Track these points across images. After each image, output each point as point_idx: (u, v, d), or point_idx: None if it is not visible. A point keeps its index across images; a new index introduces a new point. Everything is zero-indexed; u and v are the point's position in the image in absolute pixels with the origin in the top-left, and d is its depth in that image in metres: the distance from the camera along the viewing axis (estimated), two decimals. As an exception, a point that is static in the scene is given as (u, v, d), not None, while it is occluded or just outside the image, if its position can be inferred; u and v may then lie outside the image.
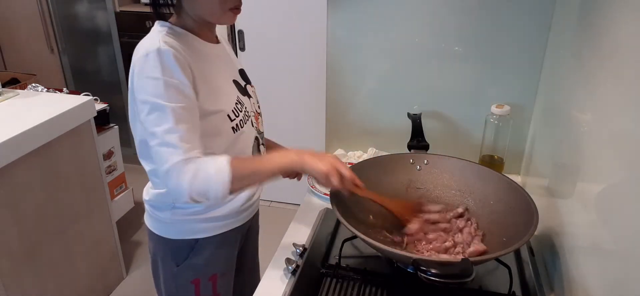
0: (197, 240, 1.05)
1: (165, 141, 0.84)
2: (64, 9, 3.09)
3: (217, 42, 1.04)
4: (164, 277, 1.10)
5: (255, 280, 1.38)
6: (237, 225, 1.11)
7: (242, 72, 1.10)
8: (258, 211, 1.25)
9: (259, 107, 1.13)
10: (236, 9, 0.93)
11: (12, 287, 1.59)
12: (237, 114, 0.98)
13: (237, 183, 0.86)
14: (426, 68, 1.39)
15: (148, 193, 1.07)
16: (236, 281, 1.31)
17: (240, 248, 1.20)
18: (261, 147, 1.11)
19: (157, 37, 0.87)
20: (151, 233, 1.08)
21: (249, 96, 1.08)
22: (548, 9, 1.23)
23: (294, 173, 1.03)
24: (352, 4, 1.37)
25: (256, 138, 1.08)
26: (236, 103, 0.99)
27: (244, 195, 1.09)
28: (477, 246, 0.95)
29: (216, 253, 1.09)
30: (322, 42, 1.47)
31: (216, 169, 0.84)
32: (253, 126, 1.06)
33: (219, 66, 1.00)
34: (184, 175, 0.84)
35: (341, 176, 0.90)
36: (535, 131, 1.32)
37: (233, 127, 0.97)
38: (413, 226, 1.00)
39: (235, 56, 1.14)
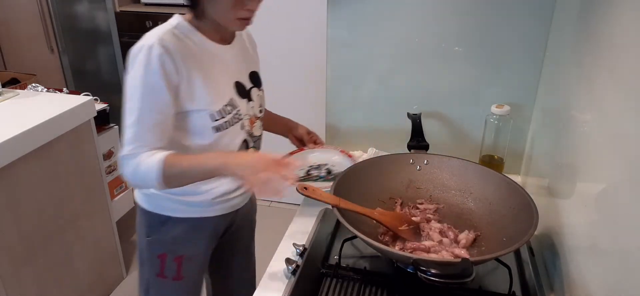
0: (169, 217, 1.10)
1: (125, 133, 0.92)
2: (64, 9, 3.09)
3: (229, 42, 1.06)
4: (139, 246, 1.16)
5: (247, 280, 1.39)
6: (211, 215, 1.14)
7: (253, 75, 1.12)
8: (248, 209, 1.27)
9: (260, 111, 1.14)
10: (247, 19, 0.98)
11: (12, 287, 1.59)
12: (223, 115, 1.00)
13: (169, 180, 0.91)
14: (426, 68, 1.39)
15: None
16: (229, 280, 1.32)
17: (224, 244, 1.24)
18: (251, 150, 1.12)
19: (157, 33, 0.93)
20: (137, 206, 1.15)
21: (250, 99, 1.09)
22: (548, 9, 1.23)
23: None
24: (352, 4, 1.37)
25: (245, 141, 1.09)
26: (226, 105, 1.01)
27: (220, 188, 1.11)
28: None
29: (185, 235, 1.12)
30: (322, 42, 1.47)
31: (150, 166, 0.90)
32: (243, 128, 1.07)
33: (219, 68, 1.02)
34: (127, 168, 0.92)
35: (275, 164, 0.86)
36: (535, 131, 1.32)
37: (215, 127, 1.00)
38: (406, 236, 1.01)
39: (254, 56, 1.18)
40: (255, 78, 1.13)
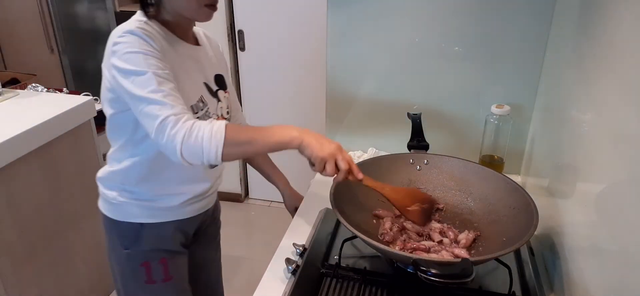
0: (142, 224, 1.07)
1: (152, 99, 0.85)
2: (64, 9, 3.09)
3: (196, 44, 1.06)
4: (116, 260, 1.12)
5: (216, 275, 1.38)
6: (183, 218, 1.12)
7: (218, 78, 1.11)
8: (214, 209, 1.26)
9: (227, 113, 1.13)
10: (212, 6, 0.95)
11: (12, 287, 1.59)
12: (195, 111, 0.99)
13: (231, 147, 0.86)
14: (426, 68, 1.39)
15: (102, 170, 1.10)
16: (201, 275, 1.30)
17: (195, 245, 1.22)
18: None
19: (133, 23, 0.91)
20: (103, 216, 1.11)
21: (218, 100, 1.09)
22: (548, 9, 1.23)
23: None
24: (353, 3, 1.37)
25: None
26: (198, 101, 1.01)
27: (191, 191, 1.10)
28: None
29: (162, 238, 1.10)
30: (322, 42, 1.47)
31: (211, 131, 0.85)
32: None
33: (189, 65, 1.02)
34: (178, 132, 0.84)
35: (337, 167, 0.89)
36: (535, 131, 1.32)
37: None
38: (413, 211, 1.02)
39: (221, 60, 1.16)
40: (220, 81, 1.12)
